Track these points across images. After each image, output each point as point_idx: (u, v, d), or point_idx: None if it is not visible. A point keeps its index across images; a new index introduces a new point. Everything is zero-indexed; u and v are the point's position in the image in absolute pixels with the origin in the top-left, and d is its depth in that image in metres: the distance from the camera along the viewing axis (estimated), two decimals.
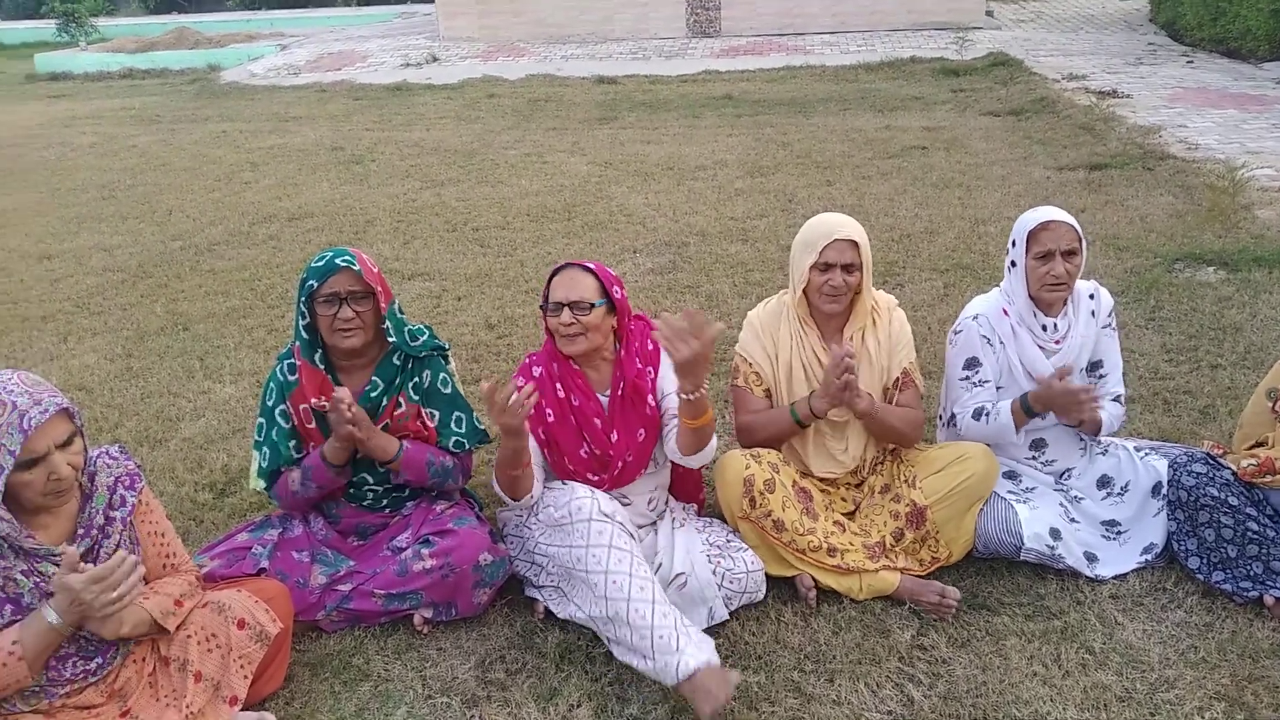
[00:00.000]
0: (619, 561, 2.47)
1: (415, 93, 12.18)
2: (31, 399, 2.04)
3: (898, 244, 5.73)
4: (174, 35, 17.59)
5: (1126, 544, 2.89)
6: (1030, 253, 2.82)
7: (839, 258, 2.75)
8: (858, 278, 2.79)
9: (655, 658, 2.35)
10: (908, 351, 2.92)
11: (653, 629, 2.37)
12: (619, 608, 2.41)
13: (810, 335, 2.88)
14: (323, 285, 2.63)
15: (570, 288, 2.68)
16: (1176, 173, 6.74)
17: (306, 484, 2.73)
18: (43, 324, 5.24)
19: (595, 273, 2.72)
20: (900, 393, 2.91)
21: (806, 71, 12.13)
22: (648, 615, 2.39)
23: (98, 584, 2.03)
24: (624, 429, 2.75)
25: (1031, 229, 2.81)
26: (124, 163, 9.26)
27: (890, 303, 2.96)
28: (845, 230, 2.76)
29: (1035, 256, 2.81)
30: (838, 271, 2.76)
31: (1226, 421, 3.54)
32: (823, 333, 2.90)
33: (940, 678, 2.49)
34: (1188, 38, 12.28)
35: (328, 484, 2.74)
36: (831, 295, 2.80)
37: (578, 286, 2.68)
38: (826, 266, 2.76)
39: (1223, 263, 5.08)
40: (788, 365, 2.89)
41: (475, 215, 6.86)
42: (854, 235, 2.76)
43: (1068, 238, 2.78)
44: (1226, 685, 2.42)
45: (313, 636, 2.72)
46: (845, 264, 2.75)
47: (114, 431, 3.98)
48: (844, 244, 2.75)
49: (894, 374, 2.90)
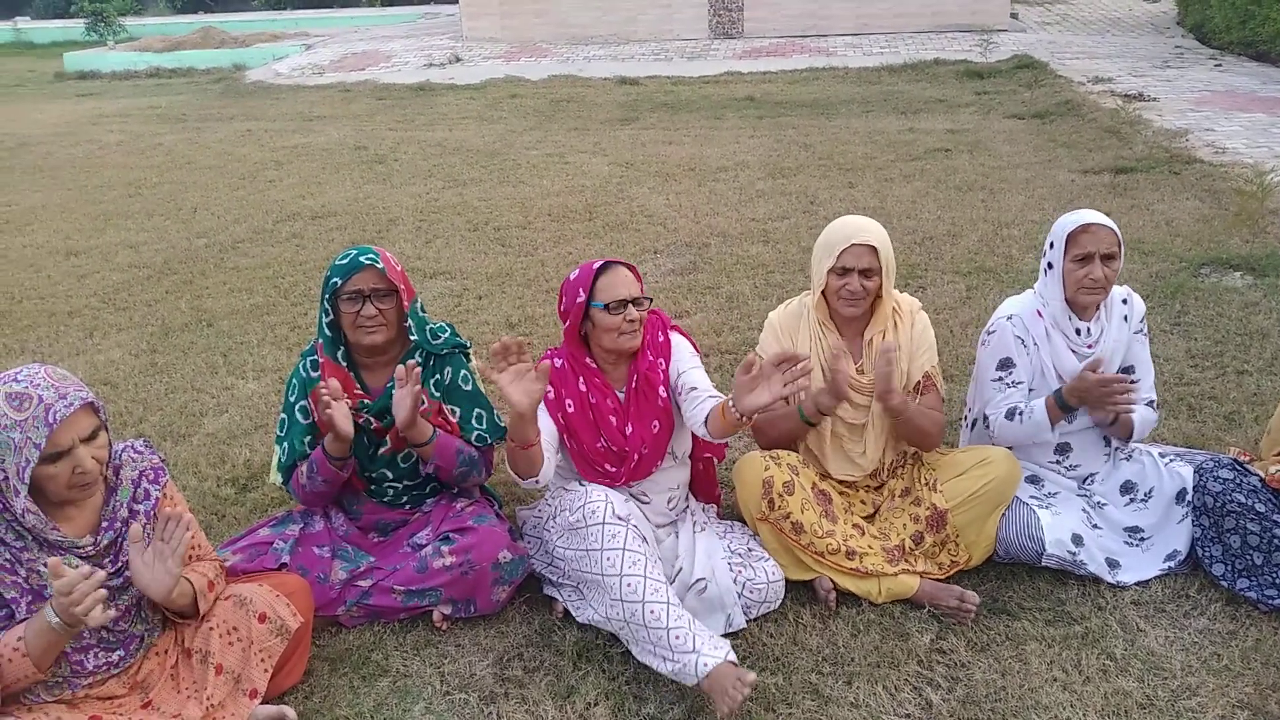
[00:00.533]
0: (633, 564, 2.47)
1: (438, 93, 12.24)
2: (57, 393, 2.06)
3: (920, 246, 5.71)
4: (200, 35, 17.77)
5: (1149, 550, 2.87)
6: (1069, 255, 2.79)
7: (856, 262, 2.72)
8: (877, 282, 2.76)
9: (674, 658, 2.35)
10: (930, 355, 2.89)
11: (668, 630, 2.37)
12: (634, 610, 2.42)
13: (829, 337, 2.87)
14: (347, 282, 2.66)
15: (628, 285, 2.67)
16: (1203, 177, 6.68)
17: (313, 477, 2.75)
18: (69, 319, 5.31)
19: (631, 267, 2.73)
20: (922, 396, 2.88)
21: (829, 73, 12.10)
22: (663, 616, 2.40)
23: (64, 596, 1.99)
24: (639, 422, 2.76)
25: (1071, 231, 2.78)
26: (150, 161, 9.36)
27: (913, 306, 2.92)
28: (864, 235, 2.73)
29: (1074, 259, 2.78)
30: (855, 276, 2.73)
31: (1252, 428, 3.50)
32: (842, 334, 2.89)
33: (959, 682, 2.47)
34: (1216, 41, 12.16)
35: (331, 477, 2.75)
36: (849, 299, 2.78)
37: (632, 284, 2.68)
38: (844, 271, 2.74)
39: (1249, 268, 5.02)
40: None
41: (497, 215, 6.89)
42: (873, 240, 2.72)
43: (1107, 241, 2.75)
44: (1250, 694, 2.39)
45: (332, 631, 2.74)
46: (863, 269, 2.73)
47: (138, 426, 4.02)
48: (862, 249, 2.72)
49: (915, 378, 2.88)
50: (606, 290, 2.65)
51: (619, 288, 2.65)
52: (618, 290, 2.64)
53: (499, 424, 2.92)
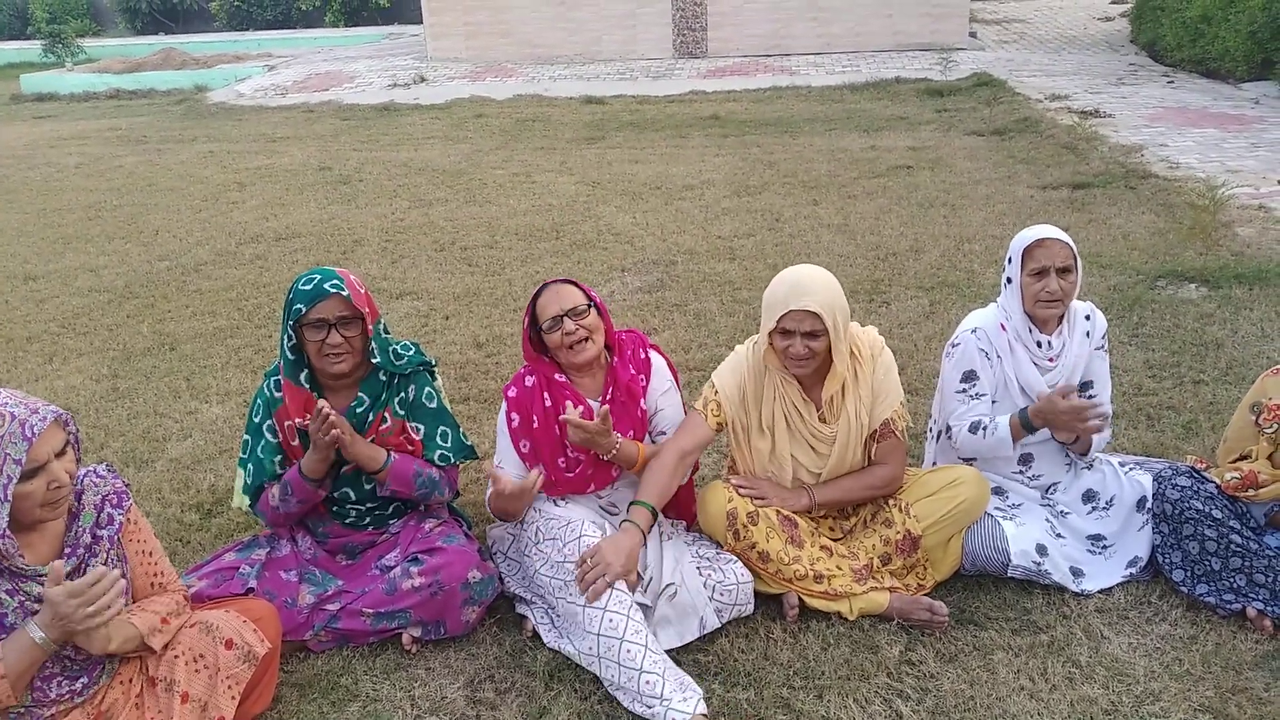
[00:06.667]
0: (619, 603, 2.50)
1: (403, 113, 12.22)
2: (27, 408, 2.04)
3: (883, 262, 5.78)
4: (161, 56, 17.58)
5: (1111, 558, 2.91)
6: (1025, 270, 2.84)
7: (798, 326, 2.61)
8: (824, 342, 2.65)
9: (643, 700, 2.40)
10: (891, 400, 2.79)
11: (640, 671, 2.41)
12: (611, 645, 2.45)
13: (790, 389, 2.79)
14: (310, 310, 2.62)
15: (561, 299, 2.74)
16: (1158, 191, 6.82)
17: (286, 498, 2.73)
18: (28, 345, 5.22)
19: (574, 283, 2.80)
20: (878, 443, 2.83)
21: (792, 92, 12.23)
22: (638, 658, 2.43)
23: (76, 598, 2.01)
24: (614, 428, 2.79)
25: (1026, 246, 2.84)
26: (110, 183, 9.24)
27: (875, 346, 2.82)
28: (805, 299, 2.59)
29: (1030, 273, 2.83)
30: (798, 339, 2.63)
31: (1209, 436, 3.57)
32: (802, 386, 2.81)
33: (929, 693, 2.49)
34: (1168, 58, 12.44)
35: (307, 498, 2.73)
36: (795, 361, 2.68)
37: (566, 297, 2.75)
38: (786, 333, 2.65)
39: (1204, 280, 5.13)
40: (772, 415, 2.82)
41: (463, 234, 6.88)
42: (812, 305, 2.58)
43: (1062, 255, 2.80)
44: (1211, 697, 2.43)
45: (300, 656, 2.71)
46: (805, 331, 2.62)
47: (100, 452, 3.96)
48: (801, 314, 2.60)
49: (873, 426, 2.80)
50: (542, 311, 2.76)
51: (550, 306, 2.74)
52: (549, 309, 2.74)
53: (464, 443, 2.92)
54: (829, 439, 2.81)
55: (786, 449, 2.83)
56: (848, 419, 2.79)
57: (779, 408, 2.81)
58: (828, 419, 2.81)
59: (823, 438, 2.81)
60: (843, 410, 2.79)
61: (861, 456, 2.86)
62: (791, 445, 2.83)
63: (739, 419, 2.85)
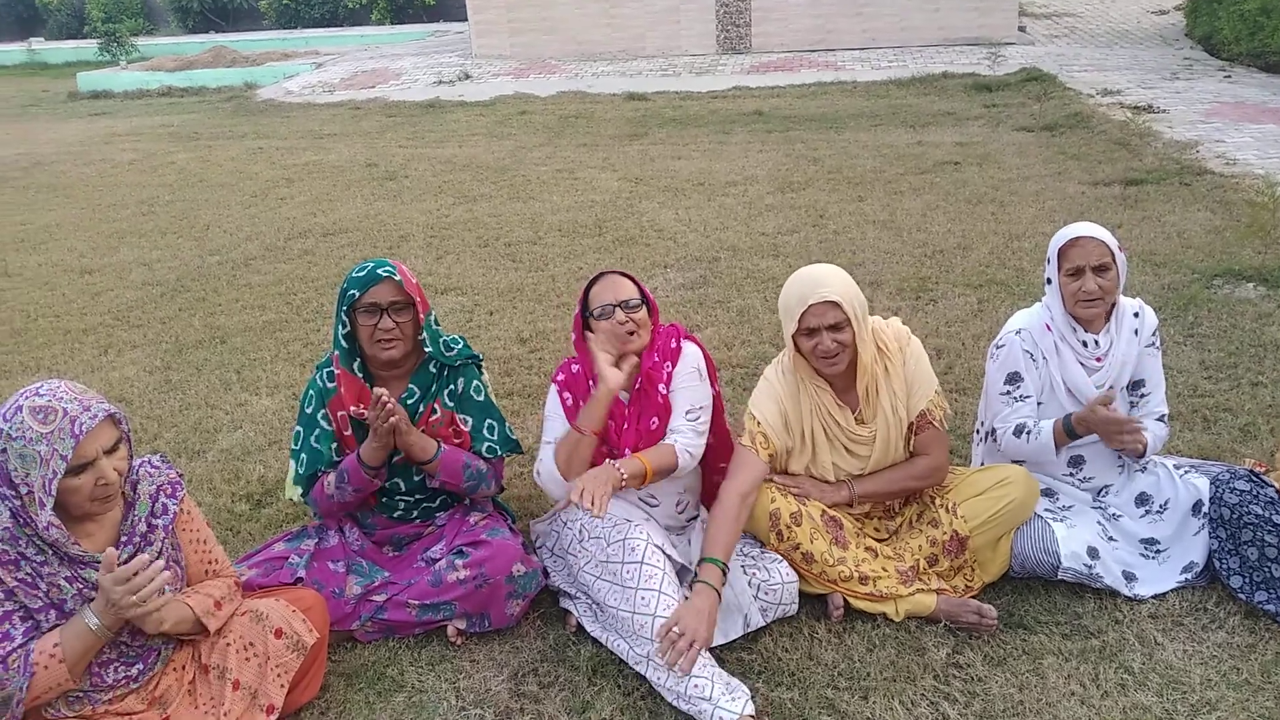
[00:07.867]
0: (667, 608, 2.48)
1: (448, 110, 12.31)
2: (80, 405, 2.09)
3: (930, 259, 5.71)
4: (211, 54, 17.89)
5: (1166, 563, 2.85)
6: (1062, 269, 2.80)
7: (821, 320, 2.58)
8: (849, 334, 2.61)
9: (690, 701, 2.38)
10: (926, 389, 2.75)
11: (689, 675, 2.38)
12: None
13: (824, 396, 2.76)
14: (364, 295, 2.68)
15: (616, 290, 2.77)
16: (1214, 188, 6.66)
17: (342, 487, 2.76)
18: (84, 336, 5.34)
19: (629, 276, 2.82)
20: (917, 435, 2.80)
21: (837, 87, 12.12)
22: None
23: (122, 585, 2.06)
24: (637, 421, 2.81)
25: (1061, 246, 2.80)
26: (163, 179, 9.43)
27: (902, 337, 2.78)
28: (821, 290, 2.56)
29: (1066, 273, 2.79)
30: (824, 335, 2.59)
31: (1268, 439, 3.48)
32: (835, 390, 2.78)
33: (976, 696, 2.46)
34: (1225, 52, 12.15)
35: (363, 486, 2.76)
36: (826, 359, 2.64)
37: (621, 288, 2.77)
38: (811, 331, 2.62)
39: (1262, 279, 5.00)
40: (811, 429, 2.79)
41: (507, 230, 6.92)
42: (831, 294, 2.55)
43: (1097, 253, 2.75)
44: (1270, 708, 2.37)
45: (348, 646, 2.75)
46: (830, 325, 2.58)
47: (153, 443, 4.04)
48: (822, 306, 2.56)
49: (909, 418, 2.77)
50: (595, 298, 2.78)
51: (605, 293, 2.76)
52: (603, 297, 2.76)
53: (510, 437, 2.93)
54: (868, 440, 2.78)
55: (828, 458, 2.81)
56: (884, 416, 2.76)
57: (816, 420, 2.78)
58: (865, 419, 2.78)
59: (862, 440, 2.79)
60: (879, 408, 2.76)
61: (904, 452, 2.83)
62: (832, 454, 2.81)
63: (784, 445, 2.80)
